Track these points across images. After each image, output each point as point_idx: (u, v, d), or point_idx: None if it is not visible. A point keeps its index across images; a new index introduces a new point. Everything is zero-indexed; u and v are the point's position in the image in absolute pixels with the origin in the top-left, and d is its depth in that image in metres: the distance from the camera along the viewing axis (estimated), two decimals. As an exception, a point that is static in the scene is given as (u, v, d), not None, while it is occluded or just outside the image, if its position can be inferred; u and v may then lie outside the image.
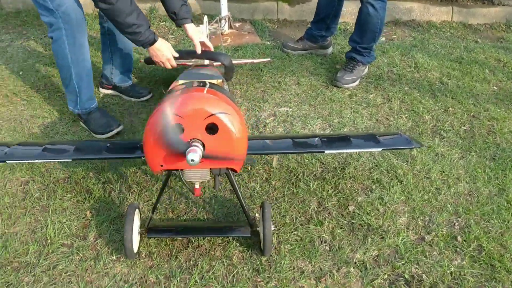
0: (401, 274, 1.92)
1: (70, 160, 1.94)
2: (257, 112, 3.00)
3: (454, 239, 2.08)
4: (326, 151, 2.01)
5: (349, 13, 4.22)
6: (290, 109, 3.03)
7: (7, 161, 1.92)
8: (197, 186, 1.80)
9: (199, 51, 2.52)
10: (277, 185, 2.37)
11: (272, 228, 2.00)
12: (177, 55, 2.53)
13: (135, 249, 1.92)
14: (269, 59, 3.43)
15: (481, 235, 2.08)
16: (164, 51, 2.49)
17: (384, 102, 3.12)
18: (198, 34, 2.58)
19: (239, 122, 1.66)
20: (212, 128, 1.60)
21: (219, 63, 2.61)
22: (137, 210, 1.95)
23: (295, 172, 2.46)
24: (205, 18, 3.07)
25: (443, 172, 2.47)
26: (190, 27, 2.57)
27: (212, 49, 2.72)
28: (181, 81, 2.21)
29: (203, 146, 1.61)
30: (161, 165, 1.65)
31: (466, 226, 2.15)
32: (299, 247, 2.04)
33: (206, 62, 2.68)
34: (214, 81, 2.21)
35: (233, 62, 3.03)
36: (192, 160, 1.49)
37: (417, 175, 2.45)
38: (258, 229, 1.98)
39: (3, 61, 3.56)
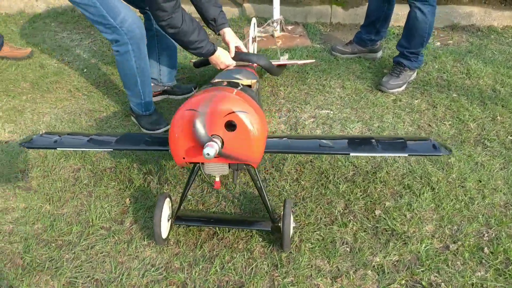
0: (419, 281, 1.91)
1: (112, 150, 2.12)
2: (298, 113, 3.06)
3: (481, 250, 2.03)
4: (351, 154, 2.03)
5: (404, 18, 4.12)
6: (331, 112, 3.06)
7: (57, 148, 2.14)
8: (217, 179, 1.91)
9: (232, 54, 2.66)
10: (306, 185, 2.43)
11: (293, 225, 2.06)
12: (234, 62, 2.71)
13: (164, 235, 2.06)
14: (314, 60, 3.48)
15: (510, 248, 2.01)
16: (222, 59, 2.67)
17: (429, 108, 3.05)
18: (234, 39, 2.71)
19: (258, 121, 1.74)
20: (231, 125, 1.70)
21: (257, 64, 2.73)
22: (168, 199, 2.10)
23: (326, 173, 2.50)
24: (253, 20, 3.18)
25: (480, 181, 2.40)
26: (228, 32, 2.70)
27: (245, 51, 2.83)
28: (216, 80, 2.34)
29: (222, 142, 1.71)
30: (184, 158, 1.77)
31: (496, 238, 2.08)
32: (319, 246, 2.08)
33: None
34: (247, 81, 2.32)
35: (278, 63, 3.13)
36: (208, 154, 1.59)
37: (451, 183, 2.40)
38: (279, 224, 2.05)
39: (71, 59, 3.89)
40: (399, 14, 4.05)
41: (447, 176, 2.44)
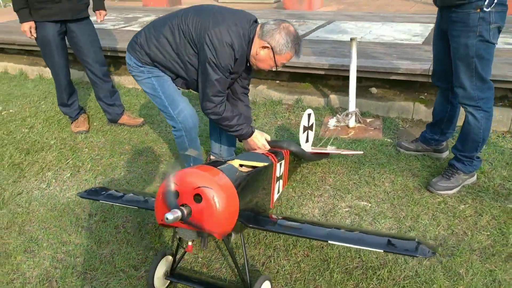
0: None
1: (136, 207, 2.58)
2: (336, 201, 3.18)
3: None
4: (329, 241, 2.13)
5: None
6: (369, 205, 3.12)
7: (99, 200, 2.68)
8: (190, 243, 2.18)
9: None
10: (305, 269, 2.53)
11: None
12: (268, 146, 3.14)
13: (157, 287, 2.38)
14: (362, 152, 3.58)
15: None
16: (258, 141, 3.12)
17: (472, 215, 2.90)
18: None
19: (224, 198, 2.02)
20: (199, 198, 2.01)
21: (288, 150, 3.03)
22: (168, 256, 2.44)
23: (329, 261, 2.57)
24: (308, 111, 3.45)
25: (486, 300, 2.23)
26: None
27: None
28: (236, 160, 2.69)
29: (191, 211, 2.02)
30: (161, 220, 2.11)
31: None
32: (288, 327, 2.17)
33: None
34: (259, 164, 2.62)
35: (320, 151, 3.37)
36: (167, 218, 1.91)
37: (452, 295, 2.27)
38: (253, 297, 2.21)
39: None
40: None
41: (452, 287, 2.32)
